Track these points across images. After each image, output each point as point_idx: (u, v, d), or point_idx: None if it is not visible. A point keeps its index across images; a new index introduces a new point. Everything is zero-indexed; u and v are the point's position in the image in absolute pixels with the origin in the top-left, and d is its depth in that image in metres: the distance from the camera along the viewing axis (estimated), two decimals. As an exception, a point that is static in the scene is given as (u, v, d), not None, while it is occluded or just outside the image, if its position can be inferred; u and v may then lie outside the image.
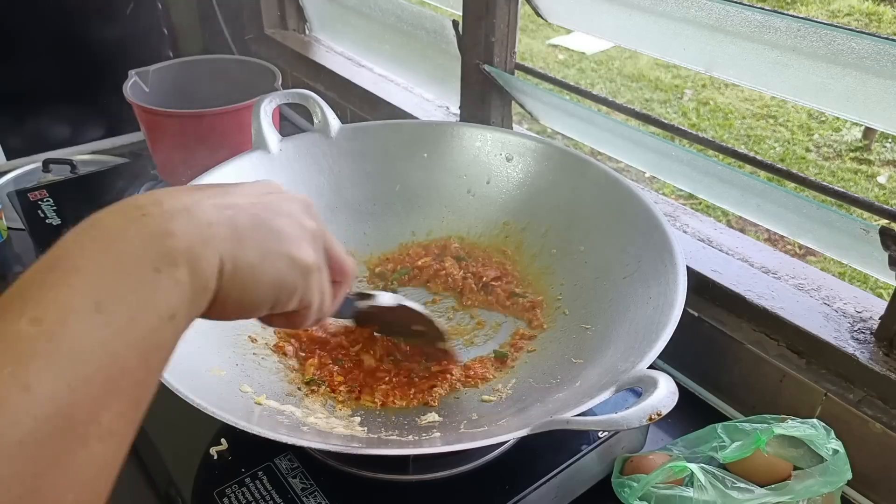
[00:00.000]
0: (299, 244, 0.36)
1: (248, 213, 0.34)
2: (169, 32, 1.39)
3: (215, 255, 0.31)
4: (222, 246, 0.31)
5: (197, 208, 0.31)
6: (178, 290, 0.29)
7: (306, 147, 0.78)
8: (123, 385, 0.26)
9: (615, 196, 0.70)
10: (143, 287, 0.27)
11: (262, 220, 0.34)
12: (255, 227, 0.34)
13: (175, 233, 0.29)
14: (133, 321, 0.27)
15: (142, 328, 0.27)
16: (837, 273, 1.84)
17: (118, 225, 0.28)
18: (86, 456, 0.24)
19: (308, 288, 0.37)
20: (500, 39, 0.88)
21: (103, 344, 0.25)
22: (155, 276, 0.28)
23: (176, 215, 0.30)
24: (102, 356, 0.25)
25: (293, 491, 0.55)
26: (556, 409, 0.51)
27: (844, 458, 0.56)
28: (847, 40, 0.56)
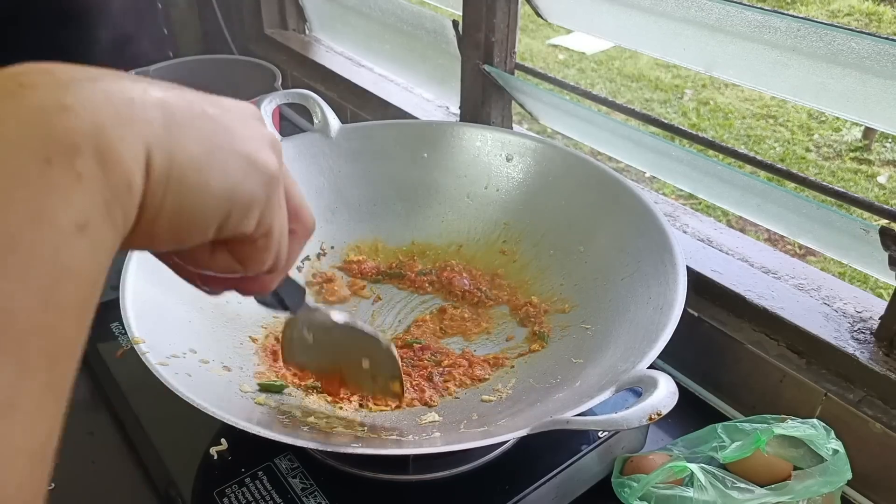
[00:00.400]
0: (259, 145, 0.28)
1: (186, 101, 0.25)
2: (169, 32, 1.39)
3: (138, 141, 0.22)
4: (150, 130, 0.23)
5: (111, 82, 0.23)
6: (84, 187, 0.20)
7: (306, 147, 0.78)
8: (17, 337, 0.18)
9: (615, 196, 0.70)
10: (26, 186, 0.19)
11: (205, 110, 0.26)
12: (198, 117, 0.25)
13: (73, 107, 0.21)
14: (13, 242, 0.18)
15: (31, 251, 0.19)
16: (837, 273, 1.85)
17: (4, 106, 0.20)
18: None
19: (270, 204, 0.29)
20: (500, 39, 0.88)
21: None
22: (44, 170, 0.19)
23: (76, 86, 0.22)
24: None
25: (293, 491, 0.55)
26: (556, 408, 0.51)
27: (844, 458, 0.56)
28: (847, 40, 0.56)
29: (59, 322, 0.20)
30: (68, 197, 0.20)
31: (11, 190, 0.19)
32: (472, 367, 0.65)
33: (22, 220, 0.19)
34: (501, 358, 0.66)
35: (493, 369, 0.65)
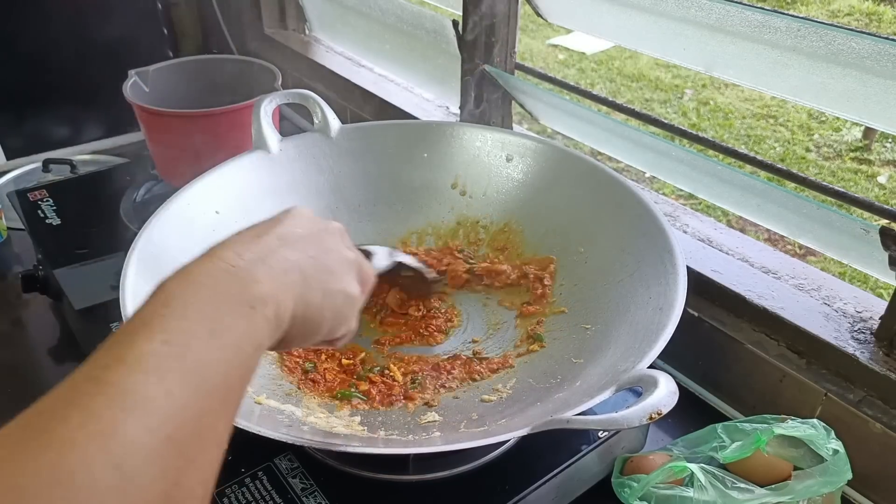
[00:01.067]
0: (348, 279, 0.42)
1: (308, 256, 0.39)
2: (169, 32, 1.39)
3: (291, 299, 0.37)
4: (295, 291, 0.37)
5: (271, 259, 0.37)
6: (266, 325, 0.34)
7: (306, 147, 0.78)
8: (231, 399, 0.31)
9: (615, 196, 0.70)
10: (244, 320, 0.33)
11: (320, 262, 0.40)
12: (317, 270, 0.39)
13: (261, 280, 0.35)
14: (238, 348, 0.32)
15: (244, 354, 0.32)
16: (837, 273, 1.84)
17: (212, 274, 0.34)
18: (209, 457, 0.29)
19: (354, 316, 0.44)
20: (500, 39, 0.88)
21: (218, 364, 0.30)
22: (251, 313, 0.33)
23: (257, 265, 0.35)
24: (218, 374, 0.30)
25: (293, 491, 0.55)
26: (556, 408, 0.51)
27: (844, 458, 0.56)
28: (847, 40, 0.56)
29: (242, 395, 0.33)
30: (260, 329, 0.34)
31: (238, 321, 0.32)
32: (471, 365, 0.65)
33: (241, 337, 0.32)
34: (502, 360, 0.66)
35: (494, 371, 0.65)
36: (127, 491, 0.24)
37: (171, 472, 0.26)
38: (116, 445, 0.25)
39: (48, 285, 0.84)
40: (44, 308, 0.89)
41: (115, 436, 0.25)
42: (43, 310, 0.89)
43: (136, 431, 0.25)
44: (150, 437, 0.26)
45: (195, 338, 0.30)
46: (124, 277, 0.58)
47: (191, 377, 0.28)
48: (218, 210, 0.71)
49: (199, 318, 0.31)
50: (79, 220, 0.91)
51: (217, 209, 0.71)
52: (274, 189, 0.75)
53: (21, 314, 0.89)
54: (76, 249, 0.85)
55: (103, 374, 0.27)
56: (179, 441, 0.27)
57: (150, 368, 0.27)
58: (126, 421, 0.25)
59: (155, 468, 0.25)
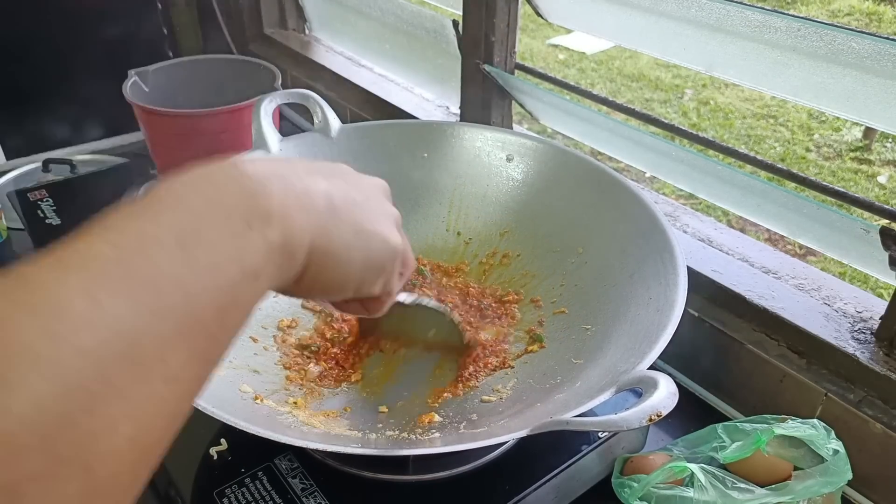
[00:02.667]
0: (389, 225, 0.37)
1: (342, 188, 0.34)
2: (169, 32, 1.39)
3: (309, 225, 0.30)
4: (317, 218, 0.31)
5: (294, 176, 0.31)
6: (267, 249, 0.28)
7: (307, 147, 0.78)
8: (195, 331, 0.25)
9: (615, 196, 0.70)
10: (232, 237, 0.27)
11: (354, 198, 0.34)
12: (351, 203, 0.34)
13: (273, 194, 0.29)
14: (215, 268, 0.26)
15: (223, 278, 0.26)
16: (837, 273, 1.84)
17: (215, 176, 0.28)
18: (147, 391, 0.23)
19: (393, 272, 0.38)
20: (500, 39, 0.88)
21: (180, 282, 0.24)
22: (246, 230, 0.27)
23: (273, 178, 0.29)
24: (177, 294, 0.24)
25: (293, 491, 0.55)
26: (556, 409, 0.51)
27: (845, 458, 0.56)
28: (847, 40, 0.56)
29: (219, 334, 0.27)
30: (256, 252, 0.28)
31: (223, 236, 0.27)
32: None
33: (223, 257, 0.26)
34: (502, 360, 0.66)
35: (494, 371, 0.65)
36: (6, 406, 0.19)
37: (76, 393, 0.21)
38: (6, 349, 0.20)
39: (48, 285, 0.83)
40: (44, 308, 0.89)
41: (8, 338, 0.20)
42: (43, 310, 0.89)
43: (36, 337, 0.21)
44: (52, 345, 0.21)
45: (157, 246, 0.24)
46: (124, 277, 0.58)
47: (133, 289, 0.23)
48: (218, 210, 0.71)
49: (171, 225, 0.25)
50: (79, 220, 0.90)
51: (217, 209, 0.71)
52: (274, 189, 0.75)
53: (21, 314, 0.89)
54: (76, 249, 0.85)
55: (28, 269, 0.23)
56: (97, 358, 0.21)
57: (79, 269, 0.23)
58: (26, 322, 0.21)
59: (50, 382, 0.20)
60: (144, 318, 0.23)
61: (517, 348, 0.68)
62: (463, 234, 0.80)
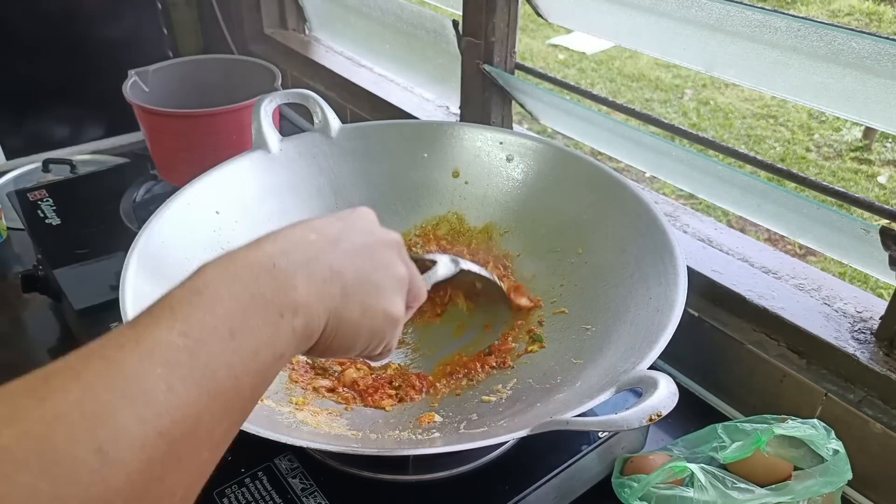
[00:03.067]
0: (394, 298, 0.40)
1: (355, 267, 0.38)
2: (169, 32, 1.39)
3: (325, 312, 0.35)
4: (332, 303, 0.36)
5: (315, 265, 0.35)
6: (292, 335, 0.33)
7: (307, 147, 0.78)
8: (237, 406, 0.30)
9: (615, 196, 0.70)
10: (269, 327, 0.32)
11: (365, 274, 0.38)
12: (360, 283, 0.38)
13: (298, 287, 0.33)
14: (256, 354, 0.31)
15: (261, 361, 0.31)
16: (837, 273, 1.85)
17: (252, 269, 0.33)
18: (199, 460, 0.28)
19: (394, 336, 0.42)
20: (500, 39, 0.88)
21: (231, 367, 0.29)
22: (279, 320, 0.32)
23: (299, 270, 0.34)
24: (228, 377, 0.29)
25: (293, 491, 0.55)
26: (556, 409, 0.51)
27: (845, 458, 0.56)
28: (847, 40, 0.56)
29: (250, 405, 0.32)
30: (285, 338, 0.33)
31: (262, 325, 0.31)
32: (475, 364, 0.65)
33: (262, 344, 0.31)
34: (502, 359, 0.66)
35: (494, 370, 0.65)
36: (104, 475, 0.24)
37: (154, 466, 0.26)
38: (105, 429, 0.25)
39: (48, 285, 0.84)
40: (44, 308, 0.89)
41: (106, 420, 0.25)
42: (43, 310, 0.89)
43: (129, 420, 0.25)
44: (141, 427, 0.25)
45: (214, 336, 0.29)
46: (124, 277, 0.58)
47: (199, 376, 0.28)
48: (218, 210, 0.71)
49: (225, 316, 0.30)
50: (79, 220, 0.91)
51: (217, 209, 0.71)
52: (274, 189, 0.75)
53: (21, 314, 0.89)
54: (76, 249, 0.85)
55: (115, 354, 0.27)
56: (171, 438, 0.26)
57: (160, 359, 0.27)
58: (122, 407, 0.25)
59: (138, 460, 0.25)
60: (204, 401, 0.28)
61: (517, 348, 0.68)
62: (462, 235, 0.80)
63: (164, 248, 0.63)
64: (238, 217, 0.71)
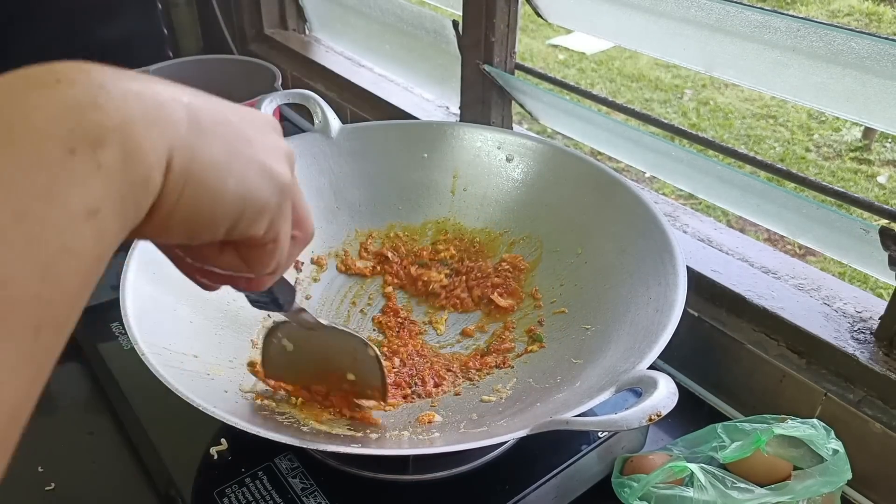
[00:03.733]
0: (275, 157, 0.30)
1: (212, 105, 0.27)
2: (169, 32, 1.39)
3: (163, 141, 0.24)
4: (174, 131, 0.24)
5: (143, 85, 0.24)
6: (103, 177, 0.22)
7: (307, 147, 0.78)
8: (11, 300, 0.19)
9: (615, 196, 0.70)
10: (45, 169, 0.20)
11: (228, 118, 0.28)
12: (220, 123, 0.27)
13: (104, 106, 0.22)
14: (22, 216, 0.20)
15: (39, 224, 0.20)
16: (837, 273, 1.85)
17: (20, 90, 0.22)
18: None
19: (280, 212, 0.31)
20: (500, 39, 0.88)
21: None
22: (66, 157, 0.21)
23: (109, 87, 0.23)
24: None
25: (293, 491, 0.55)
26: (555, 409, 0.51)
27: (844, 458, 0.56)
28: (847, 40, 0.56)
29: (51, 297, 0.21)
30: (85, 184, 0.21)
31: (30, 171, 0.20)
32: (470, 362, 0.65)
33: (33, 198, 0.20)
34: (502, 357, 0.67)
35: (494, 369, 0.65)
36: None
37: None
38: None
39: (48, 285, 0.83)
40: (44, 308, 0.89)
41: None
42: (43, 310, 0.89)
43: None
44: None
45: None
46: (124, 277, 0.58)
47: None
48: (218, 210, 0.71)
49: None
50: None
51: (217, 209, 0.71)
52: (274, 189, 0.75)
53: (21, 314, 0.89)
54: (76, 249, 0.85)
55: None
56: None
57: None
58: None
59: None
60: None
61: (517, 348, 0.68)
62: (463, 235, 0.80)
63: (164, 248, 0.63)
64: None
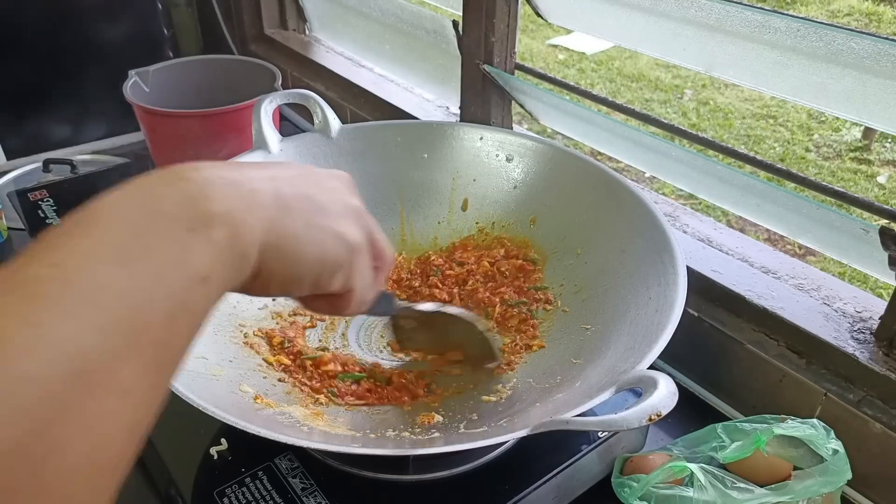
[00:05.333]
0: (344, 220, 0.36)
1: (292, 184, 0.33)
2: (169, 32, 1.39)
3: (258, 223, 0.30)
4: (265, 214, 0.31)
5: (240, 176, 0.31)
6: (213, 251, 0.28)
7: (307, 147, 0.78)
8: (144, 342, 0.25)
9: (615, 196, 0.70)
10: (173, 244, 0.27)
11: (305, 192, 0.34)
12: (300, 198, 0.33)
13: (214, 197, 0.28)
14: (158, 277, 0.26)
15: (168, 285, 0.26)
16: (837, 273, 1.85)
17: (153, 186, 0.28)
18: (97, 408, 0.23)
19: (353, 268, 0.37)
20: (500, 39, 0.88)
21: (123, 295, 0.24)
22: (187, 235, 0.27)
23: (216, 181, 0.29)
24: (121, 307, 0.24)
25: (293, 491, 0.55)
26: (555, 409, 0.51)
27: (844, 458, 0.56)
28: (847, 40, 0.56)
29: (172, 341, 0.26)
30: (201, 257, 0.27)
31: (164, 244, 0.26)
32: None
33: (166, 263, 0.26)
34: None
35: None
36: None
37: (25, 417, 0.21)
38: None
39: (48, 285, 0.83)
40: (44, 308, 0.89)
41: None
42: (43, 310, 0.89)
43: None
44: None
45: (96, 261, 0.24)
46: (124, 277, 0.58)
47: (75, 307, 0.23)
48: (218, 210, 0.71)
49: (111, 240, 0.25)
50: (79, 220, 0.91)
51: (217, 209, 0.71)
52: (274, 189, 0.75)
53: (21, 314, 0.89)
54: (76, 249, 0.85)
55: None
56: (44, 383, 0.21)
57: (22, 293, 0.23)
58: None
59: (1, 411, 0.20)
60: (90, 336, 0.23)
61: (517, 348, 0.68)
62: (462, 235, 0.80)
63: (164, 248, 0.63)
64: (238, 217, 0.71)
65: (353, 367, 0.65)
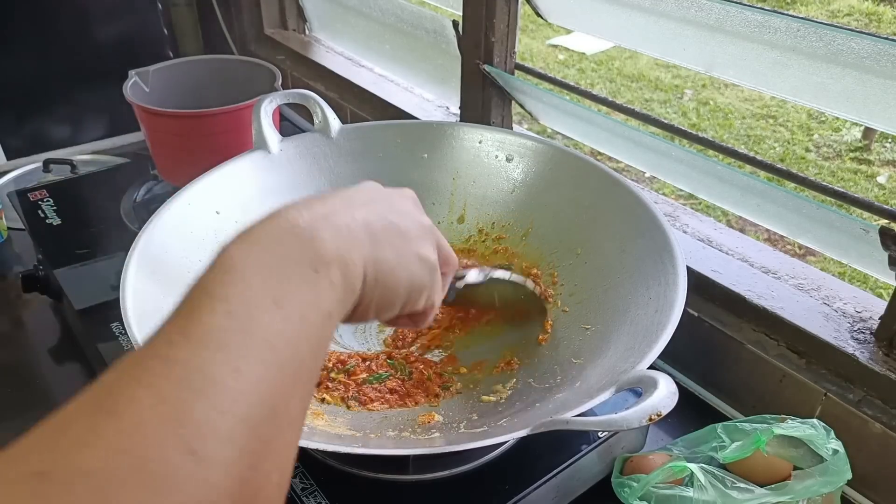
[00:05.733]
0: (423, 243, 0.39)
1: (375, 212, 0.36)
2: (169, 32, 1.39)
3: (359, 259, 0.33)
4: (364, 250, 0.34)
5: (334, 216, 0.33)
6: (333, 290, 0.31)
7: (307, 147, 0.78)
8: (302, 375, 0.28)
9: (615, 196, 0.70)
10: (308, 286, 0.30)
11: (389, 221, 0.37)
12: (386, 230, 0.36)
13: (323, 238, 0.32)
14: (304, 317, 0.29)
15: (311, 323, 0.29)
16: (837, 273, 1.85)
17: (273, 234, 0.31)
18: (283, 440, 0.27)
19: (434, 285, 0.40)
20: (500, 39, 0.88)
21: (285, 336, 0.28)
22: (315, 277, 0.30)
23: (319, 222, 0.32)
24: (286, 347, 0.27)
25: (293, 491, 0.55)
26: (555, 409, 0.52)
27: (844, 458, 0.56)
28: (847, 40, 0.56)
29: (316, 373, 0.31)
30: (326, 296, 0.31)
31: (301, 288, 0.30)
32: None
33: (307, 306, 0.30)
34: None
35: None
36: (204, 476, 0.23)
37: (246, 455, 0.24)
38: (188, 428, 0.23)
39: (48, 285, 0.84)
40: (44, 308, 0.89)
41: (186, 419, 0.23)
42: (43, 310, 0.89)
43: (208, 413, 0.24)
44: (221, 419, 0.24)
45: (259, 308, 0.28)
46: (124, 277, 0.58)
47: (258, 352, 0.26)
48: (218, 210, 0.71)
49: (262, 286, 0.28)
50: (79, 220, 0.91)
51: (217, 209, 0.71)
52: (274, 189, 0.75)
53: (21, 314, 0.89)
54: (76, 249, 0.85)
55: (168, 352, 0.25)
56: (252, 422, 0.25)
57: (215, 345, 0.26)
58: (196, 402, 0.24)
59: (230, 452, 0.23)
60: (272, 376, 0.26)
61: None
62: (462, 235, 0.80)
63: (164, 249, 0.63)
64: (238, 217, 0.71)
65: (377, 367, 0.65)
